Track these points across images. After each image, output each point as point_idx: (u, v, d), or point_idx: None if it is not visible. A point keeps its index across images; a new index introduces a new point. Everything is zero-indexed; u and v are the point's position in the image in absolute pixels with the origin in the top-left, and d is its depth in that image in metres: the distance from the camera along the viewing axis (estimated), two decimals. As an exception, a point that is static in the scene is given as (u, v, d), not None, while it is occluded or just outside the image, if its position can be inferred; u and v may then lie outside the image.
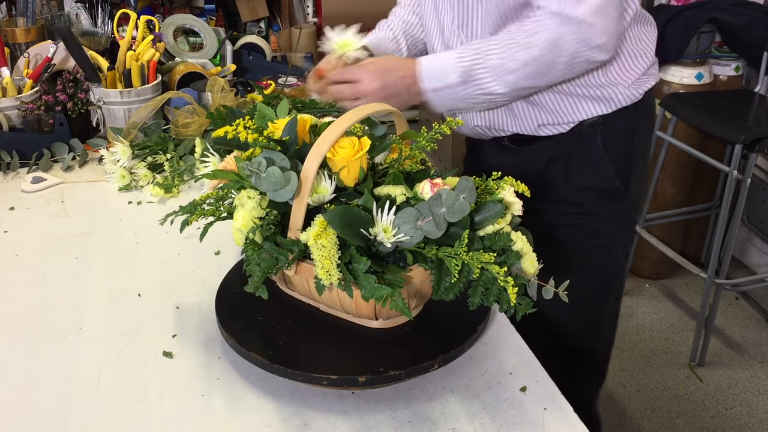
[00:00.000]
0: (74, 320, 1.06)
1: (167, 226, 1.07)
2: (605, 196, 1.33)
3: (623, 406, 2.29)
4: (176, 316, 1.06)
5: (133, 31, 1.68)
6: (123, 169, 1.46)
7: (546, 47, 1.12)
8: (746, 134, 2.22)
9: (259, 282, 0.86)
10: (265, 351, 0.89)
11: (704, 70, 2.63)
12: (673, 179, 2.72)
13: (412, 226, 0.85)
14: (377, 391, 0.91)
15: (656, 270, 2.90)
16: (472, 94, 1.19)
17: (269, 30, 3.12)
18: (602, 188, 1.32)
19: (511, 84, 1.17)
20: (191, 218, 0.96)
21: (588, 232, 1.35)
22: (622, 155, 1.32)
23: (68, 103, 1.60)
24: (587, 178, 1.32)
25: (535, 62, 1.14)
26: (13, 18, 2.02)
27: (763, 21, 2.52)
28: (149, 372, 0.95)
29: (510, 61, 1.15)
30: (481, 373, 0.94)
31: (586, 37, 1.11)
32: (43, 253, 1.23)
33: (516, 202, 0.92)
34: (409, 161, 0.96)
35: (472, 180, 0.87)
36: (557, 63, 1.14)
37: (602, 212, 1.34)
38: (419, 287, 0.91)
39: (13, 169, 1.54)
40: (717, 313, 2.52)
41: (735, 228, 2.35)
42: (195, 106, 1.53)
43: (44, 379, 0.94)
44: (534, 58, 1.13)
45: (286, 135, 0.93)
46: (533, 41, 1.13)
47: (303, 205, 0.87)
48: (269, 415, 0.88)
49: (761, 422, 2.21)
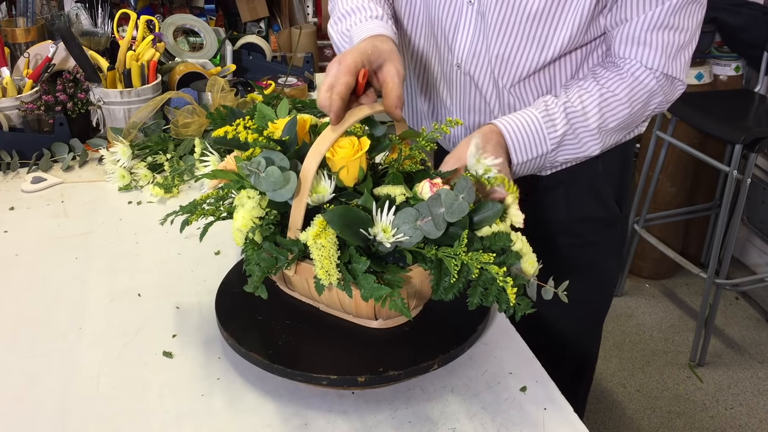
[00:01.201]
0: (74, 320, 1.06)
1: (167, 226, 1.07)
2: (604, 225, 1.28)
3: (623, 406, 2.29)
4: (176, 316, 1.06)
5: (133, 31, 1.68)
6: (123, 169, 1.46)
7: (642, 103, 1.07)
8: (746, 134, 2.22)
9: (258, 282, 0.86)
10: (265, 351, 0.89)
11: (704, 70, 2.63)
12: (673, 179, 2.73)
13: (411, 226, 0.85)
14: (377, 391, 0.91)
15: (656, 270, 2.90)
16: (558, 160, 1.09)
17: (269, 30, 3.12)
18: (602, 217, 1.26)
19: (604, 141, 1.08)
20: (191, 218, 0.96)
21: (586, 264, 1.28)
22: (617, 178, 1.26)
23: (68, 103, 1.60)
24: (589, 206, 1.25)
25: (630, 117, 1.08)
26: (13, 18, 2.02)
27: (763, 21, 2.52)
28: (149, 372, 0.95)
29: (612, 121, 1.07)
30: (481, 373, 0.94)
31: (675, 93, 1.09)
32: (43, 253, 1.24)
33: (518, 215, 0.91)
34: (409, 161, 0.96)
35: (470, 178, 0.87)
36: (642, 116, 1.10)
37: (602, 242, 1.29)
38: (419, 287, 0.91)
39: (13, 169, 1.54)
40: (717, 313, 2.52)
41: (735, 228, 2.35)
42: (195, 106, 1.53)
43: (44, 379, 0.94)
44: (629, 114, 1.08)
45: (286, 135, 0.93)
46: (634, 96, 1.06)
47: (302, 204, 0.87)
48: (269, 415, 0.88)
49: (761, 422, 2.21)
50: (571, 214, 1.25)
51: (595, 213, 1.26)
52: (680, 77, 1.08)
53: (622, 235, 1.34)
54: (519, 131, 1.02)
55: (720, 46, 2.70)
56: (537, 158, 1.05)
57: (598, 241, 1.29)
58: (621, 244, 1.34)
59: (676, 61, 1.06)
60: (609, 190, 1.24)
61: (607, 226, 1.28)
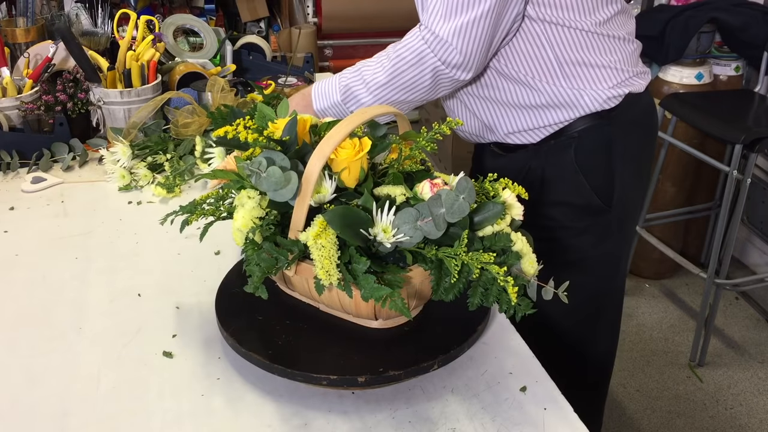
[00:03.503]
0: (74, 320, 1.06)
1: (167, 226, 1.07)
2: (582, 212, 1.31)
3: (623, 406, 2.29)
4: (176, 316, 1.06)
5: (133, 31, 1.68)
6: (123, 169, 1.46)
7: (410, 62, 1.18)
8: (746, 134, 2.22)
9: (258, 282, 0.86)
10: (265, 351, 0.89)
11: (704, 70, 2.63)
12: (673, 179, 2.73)
13: (411, 226, 0.85)
14: (377, 391, 0.91)
15: (656, 270, 2.90)
16: (352, 110, 1.23)
17: (269, 30, 3.12)
18: (577, 204, 1.30)
19: (381, 97, 1.22)
20: (191, 218, 0.96)
21: (562, 248, 1.32)
22: (601, 170, 1.29)
23: (68, 103, 1.60)
24: (561, 193, 1.30)
25: (401, 76, 1.19)
26: (13, 18, 2.02)
27: (762, 21, 2.52)
28: (149, 372, 0.95)
29: (380, 74, 1.20)
30: (481, 373, 0.94)
31: (445, 55, 1.15)
32: (43, 253, 1.24)
33: (517, 206, 0.92)
34: (409, 161, 0.96)
35: (471, 181, 0.87)
36: (423, 79, 1.19)
37: (579, 227, 1.32)
38: (419, 287, 0.91)
39: (13, 169, 1.54)
40: (717, 313, 2.52)
41: (735, 228, 2.35)
42: (195, 106, 1.53)
43: (44, 379, 0.94)
44: (400, 71, 1.19)
45: (286, 135, 0.93)
46: (400, 55, 1.18)
47: (305, 205, 0.87)
48: (269, 415, 0.88)
49: (761, 422, 2.21)
50: (544, 196, 1.31)
51: (567, 198, 1.31)
52: (447, 39, 1.13)
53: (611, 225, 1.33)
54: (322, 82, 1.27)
55: (720, 46, 2.70)
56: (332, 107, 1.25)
57: (573, 226, 1.32)
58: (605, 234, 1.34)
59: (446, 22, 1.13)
60: (583, 179, 1.28)
61: (586, 213, 1.31)
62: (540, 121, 1.27)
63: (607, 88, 1.24)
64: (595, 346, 1.46)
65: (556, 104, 1.25)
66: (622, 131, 1.28)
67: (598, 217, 1.31)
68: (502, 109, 1.29)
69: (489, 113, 1.31)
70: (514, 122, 1.29)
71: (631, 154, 1.32)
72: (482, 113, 1.32)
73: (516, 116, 1.29)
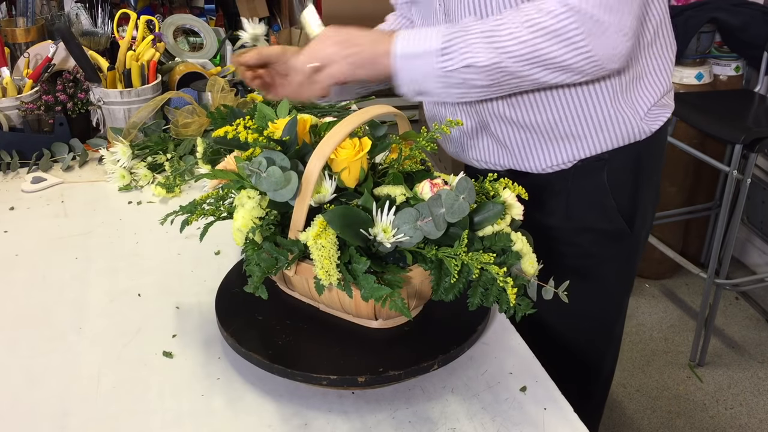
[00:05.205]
0: (74, 320, 1.06)
1: (167, 226, 1.07)
2: (608, 238, 1.20)
3: (623, 406, 2.29)
4: (176, 316, 1.06)
5: (133, 31, 1.68)
6: (123, 169, 1.46)
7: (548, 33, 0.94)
8: (746, 134, 2.22)
9: (258, 282, 0.86)
10: (265, 351, 0.89)
11: (704, 70, 2.63)
12: (673, 179, 2.73)
13: (411, 226, 0.85)
14: (377, 391, 0.91)
15: (656, 270, 2.90)
16: (449, 68, 0.97)
17: (269, 30, 3.12)
18: (605, 229, 1.19)
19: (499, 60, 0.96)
20: (191, 218, 0.96)
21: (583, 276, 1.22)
22: (628, 192, 1.18)
23: (68, 103, 1.60)
24: (589, 217, 1.19)
25: (532, 45, 0.94)
26: (13, 18, 2.02)
27: (762, 21, 2.52)
28: (149, 372, 0.95)
29: (506, 35, 0.95)
30: (481, 373, 0.94)
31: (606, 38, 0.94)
32: (43, 253, 1.24)
33: (517, 206, 0.92)
34: (409, 161, 0.96)
35: (471, 181, 0.87)
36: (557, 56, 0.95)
37: (604, 255, 1.22)
38: (419, 287, 0.91)
39: (13, 169, 1.54)
40: (717, 313, 2.52)
41: (735, 228, 2.35)
42: (195, 106, 1.53)
43: (44, 379, 0.94)
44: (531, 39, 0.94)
45: (286, 135, 0.93)
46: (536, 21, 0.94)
47: (305, 205, 0.87)
48: (269, 415, 0.88)
49: (761, 422, 2.21)
50: (571, 222, 1.20)
51: (596, 224, 1.20)
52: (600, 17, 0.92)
53: (630, 253, 1.25)
54: (413, 30, 1.00)
55: (720, 46, 2.70)
56: (422, 56, 0.98)
57: (599, 254, 1.22)
58: (626, 260, 1.26)
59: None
60: (613, 203, 1.17)
61: (612, 240, 1.21)
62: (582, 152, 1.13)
63: (654, 99, 1.14)
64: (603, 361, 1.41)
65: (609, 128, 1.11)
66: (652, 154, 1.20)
67: (621, 243, 1.22)
68: (541, 140, 1.13)
69: (522, 145, 1.15)
70: (553, 156, 1.14)
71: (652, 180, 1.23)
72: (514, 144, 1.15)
73: (557, 149, 1.13)
